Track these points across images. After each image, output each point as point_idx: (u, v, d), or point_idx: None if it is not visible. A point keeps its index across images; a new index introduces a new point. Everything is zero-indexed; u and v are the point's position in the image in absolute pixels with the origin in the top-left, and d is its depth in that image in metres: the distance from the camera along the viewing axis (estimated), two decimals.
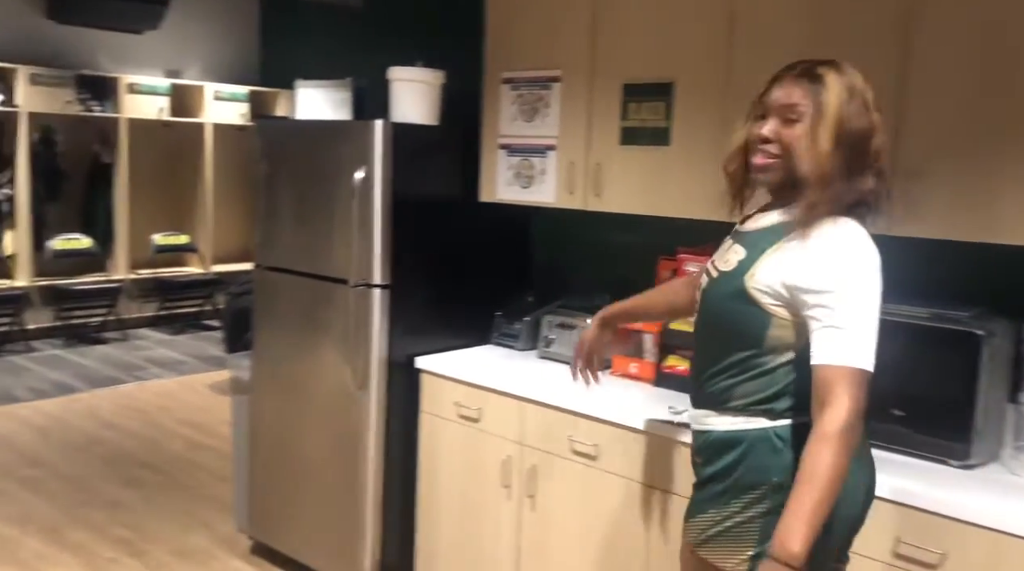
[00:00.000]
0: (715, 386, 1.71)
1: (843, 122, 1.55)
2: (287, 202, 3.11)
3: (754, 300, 1.63)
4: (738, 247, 1.71)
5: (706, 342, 1.76)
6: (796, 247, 1.59)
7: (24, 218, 6.71)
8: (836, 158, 1.55)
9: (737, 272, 1.67)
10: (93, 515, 3.70)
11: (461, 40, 3.20)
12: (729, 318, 1.68)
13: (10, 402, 5.28)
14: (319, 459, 3.06)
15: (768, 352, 1.64)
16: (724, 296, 1.69)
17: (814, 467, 1.49)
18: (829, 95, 1.56)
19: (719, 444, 1.71)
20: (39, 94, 6.66)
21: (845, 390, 1.49)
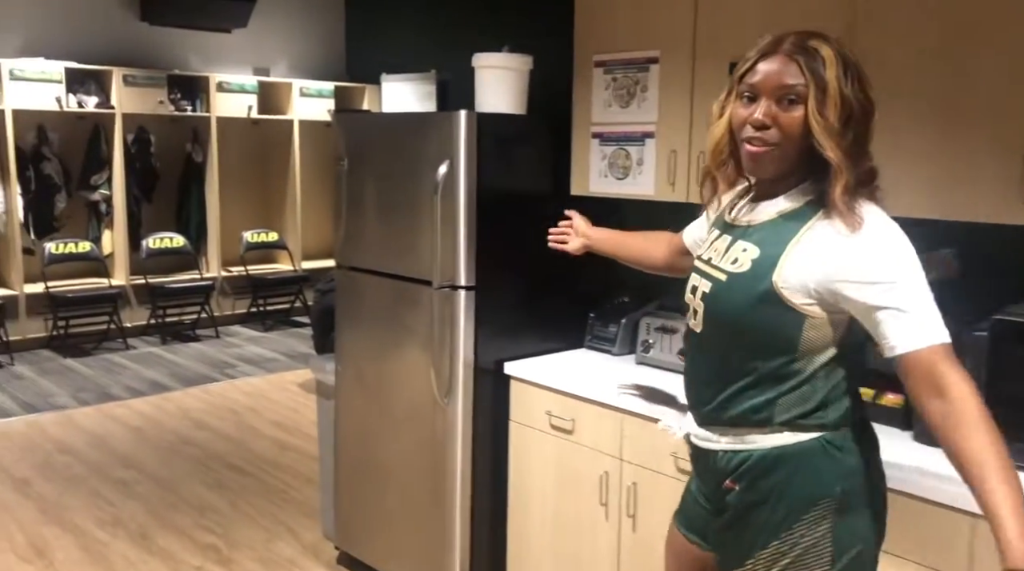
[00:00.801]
0: (748, 403, 1.53)
1: (848, 99, 1.42)
2: (368, 199, 2.97)
3: (786, 302, 1.46)
4: (745, 244, 1.54)
5: (723, 353, 1.56)
6: (828, 238, 1.44)
7: (120, 218, 6.85)
8: (847, 137, 1.42)
9: (757, 273, 1.49)
10: (181, 520, 3.67)
11: (549, 22, 2.99)
12: (755, 325, 1.50)
13: (107, 400, 5.36)
14: (404, 467, 2.92)
15: (803, 356, 1.49)
16: (745, 301, 1.51)
17: (992, 458, 1.28)
18: (829, 71, 1.41)
19: (765, 464, 1.52)
20: (133, 95, 6.78)
21: (951, 367, 1.35)
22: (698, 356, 1.64)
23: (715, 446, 1.59)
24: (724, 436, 1.57)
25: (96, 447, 4.54)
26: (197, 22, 7.15)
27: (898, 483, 1.77)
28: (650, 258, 2.13)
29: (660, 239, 2.12)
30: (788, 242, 1.47)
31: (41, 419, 4.98)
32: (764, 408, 1.51)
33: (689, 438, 1.69)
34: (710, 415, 1.59)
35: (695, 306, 1.62)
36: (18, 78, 6.24)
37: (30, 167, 6.48)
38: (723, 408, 1.56)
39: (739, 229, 1.58)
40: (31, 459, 4.35)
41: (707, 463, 1.63)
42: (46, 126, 6.54)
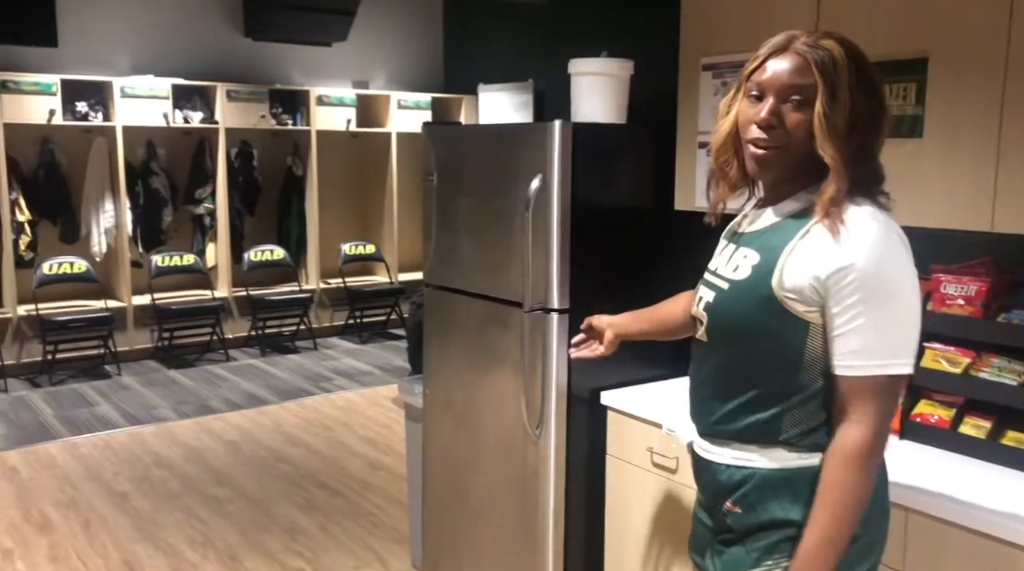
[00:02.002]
0: (752, 417, 1.45)
1: (857, 103, 1.35)
2: (457, 216, 2.82)
3: (787, 308, 1.40)
4: (747, 250, 1.49)
5: (727, 363, 1.50)
6: (817, 239, 1.38)
7: (223, 231, 6.97)
8: (852, 142, 1.35)
9: (757, 279, 1.43)
10: (270, 542, 3.60)
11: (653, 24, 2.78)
12: (757, 334, 1.44)
13: (206, 413, 5.41)
14: (494, 500, 2.75)
15: (809, 368, 1.41)
16: (747, 308, 1.45)
17: (837, 492, 1.34)
18: (840, 72, 1.34)
19: (766, 485, 1.45)
20: (236, 110, 6.89)
21: (871, 402, 1.33)
22: (702, 366, 1.57)
23: (718, 458, 1.53)
24: (727, 449, 1.51)
25: (192, 461, 4.56)
26: (298, 37, 7.22)
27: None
28: (676, 320, 1.89)
29: (682, 297, 1.91)
30: (785, 246, 1.41)
31: (142, 431, 5.06)
32: (769, 423, 1.44)
33: (692, 447, 1.63)
34: (714, 427, 1.53)
35: (699, 316, 1.57)
36: (128, 95, 6.42)
37: (139, 182, 6.66)
38: (727, 421, 1.50)
39: (742, 236, 1.54)
40: (130, 472, 4.39)
41: (709, 475, 1.56)
42: (154, 142, 6.71)
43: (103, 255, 6.53)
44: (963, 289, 2.06)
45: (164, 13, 6.75)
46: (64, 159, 6.43)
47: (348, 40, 7.33)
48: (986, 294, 2.03)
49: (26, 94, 6.05)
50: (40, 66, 6.19)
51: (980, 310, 2.04)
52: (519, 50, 5.46)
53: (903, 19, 2.03)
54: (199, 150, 6.91)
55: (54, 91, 6.11)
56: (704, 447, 1.57)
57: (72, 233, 6.51)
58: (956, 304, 2.07)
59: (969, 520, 1.69)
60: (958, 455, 2.00)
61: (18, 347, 6.21)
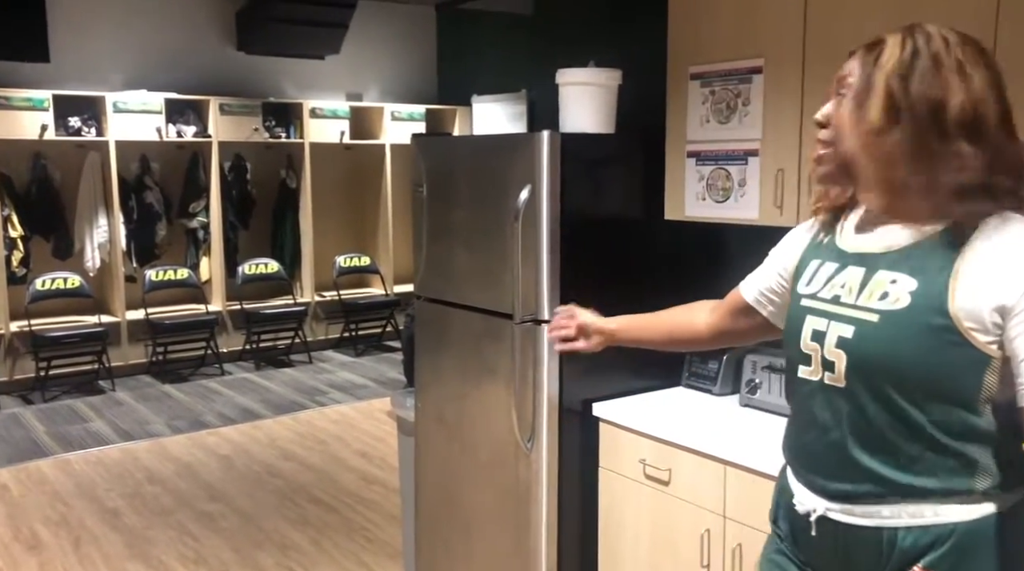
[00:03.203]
0: (937, 467, 1.23)
1: (895, 92, 1.22)
2: (448, 227, 2.80)
3: (967, 339, 1.20)
4: (891, 274, 1.27)
5: (881, 413, 1.26)
6: (981, 260, 1.20)
7: (217, 245, 6.95)
8: (893, 134, 1.22)
9: (925, 307, 1.22)
10: (263, 558, 3.57)
11: (640, 34, 2.78)
12: (928, 370, 1.22)
13: (200, 428, 5.38)
14: (486, 514, 2.73)
15: (983, 405, 1.22)
16: (911, 341, 1.22)
17: None
18: (879, 64, 1.24)
19: (968, 542, 1.23)
20: (229, 123, 6.89)
21: None
22: (847, 416, 1.30)
23: (891, 523, 1.27)
24: (906, 507, 1.26)
25: (185, 477, 4.52)
26: (291, 50, 7.22)
27: None
28: (691, 331, 1.74)
29: (700, 308, 1.75)
30: (949, 269, 1.22)
31: (136, 447, 5.02)
32: (960, 471, 1.23)
33: (828, 517, 1.33)
34: (878, 485, 1.27)
35: (828, 356, 1.31)
36: (121, 110, 6.41)
37: (132, 197, 6.64)
38: (900, 473, 1.25)
39: (871, 257, 1.31)
40: (122, 488, 4.35)
41: (870, 546, 1.29)
42: (148, 156, 6.70)
43: (96, 270, 6.50)
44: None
45: (156, 28, 6.75)
46: (57, 174, 6.41)
47: (341, 53, 7.33)
48: None
49: (18, 110, 6.04)
50: (32, 81, 6.19)
51: None
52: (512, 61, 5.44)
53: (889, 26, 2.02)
54: (192, 164, 6.90)
55: (46, 106, 6.11)
56: (863, 513, 1.30)
57: (65, 249, 6.49)
58: None
59: None
60: None
61: (11, 364, 6.18)
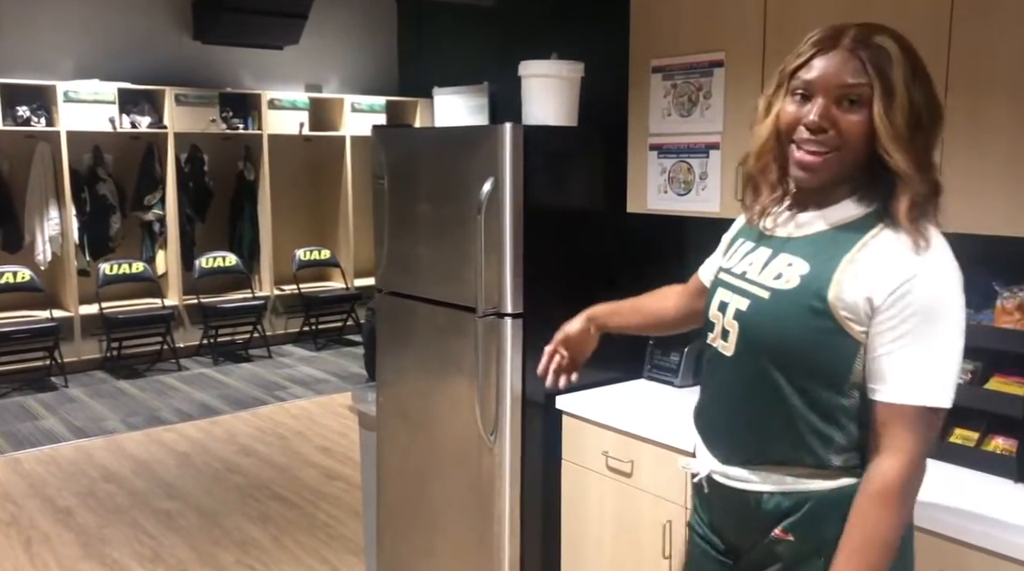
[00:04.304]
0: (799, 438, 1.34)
1: (916, 102, 1.25)
2: (409, 220, 2.78)
3: (839, 324, 1.29)
4: (790, 257, 1.36)
5: (764, 380, 1.36)
6: (877, 253, 1.28)
7: (174, 238, 6.82)
8: (916, 145, 1.26)
9: (808, 289, 1.31)
10: (223, 556, 3.52)
11: (602, 27, 2.77)
12: (803, 349, 1.32)
13: (156, 425, 5.28)
14: (449, 508, 2.71)
15: (851, 388, 1.31)
16: (792, 320, 1.32)
17: (871, 531, 1.24)
18: (896, 69, 1.25)
19: (821, 510, 1.34)
20: (185, 114, 6.76)
21: (910, 433, 1.24)
22: (728, 384, 1.43)
23: (758, 487, 1.39)
24: (771, 475, 1.38)
25: (141, 475, 4.44)
26: (249, 40, 7.10)
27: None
28: (662, 315, 1.81)
29: (666, 294, 1.82)
30: (843, 258, 1.30)
31: (89, 444, 4.92)
32: (820, 446, 1.33)
33: (712, 478, 1.47)
34: (748, 452, 1.40)
35: (725, 325, 1.42)
36: (72, 100, 6.26)
37: (85, 189, 6.49)
38: (767, 443, 1.37)
39: (779, 241, 1.40)
40: (75, 487, 4.26)
41: (743, 506, 1.42)
42: (101, 147, 6.55)
43: (48, 264, 6.35)
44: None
45: (109, 15, 6.59)
46: (5, 165, 6.24)
47: (300, 43, 7.23)
48: None
49: None
50: None
51: None
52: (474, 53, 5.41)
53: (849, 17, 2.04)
54: (147, 155, 6.76)
55: None
56: (736, 476, 1.42)
57: (15, 241, 6.32)
58: None
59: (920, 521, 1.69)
60: None
61: None
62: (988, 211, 1.82)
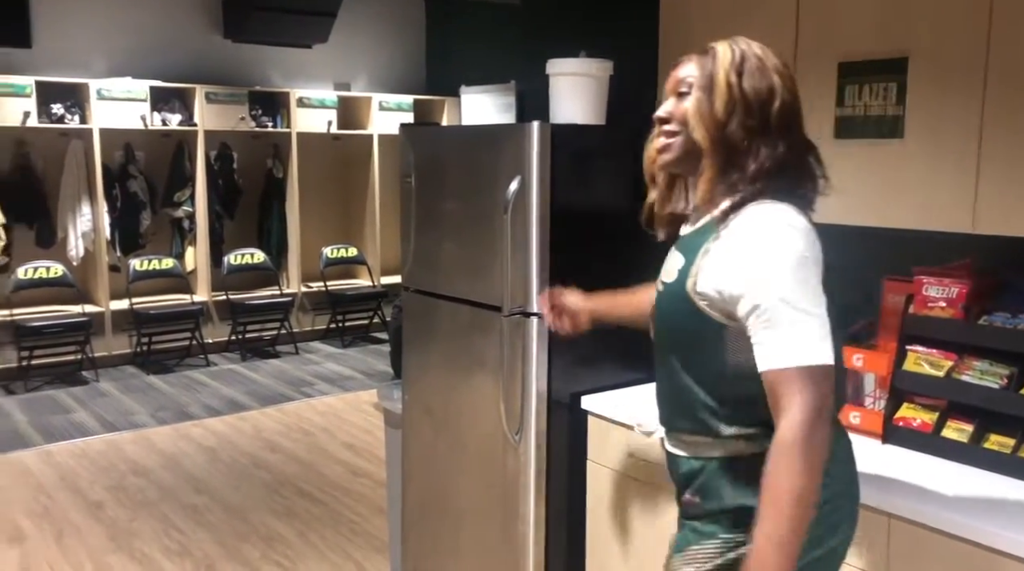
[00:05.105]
0: (695, 412, 1.52)
1: (732, 86, 1.43)
2: (436, 218, 2.78)
3: (702, 310, 1.47)
4: (677, 254, 1.57)
5: (669, 363, 1.57)
6: (722, 245, 1.45)
7: (203, 234, 6.89)
8: (731, 125, 1.43)
9: (679, 281, 1.51)
10: (249, 551, 3.55)
11: (633, 25, 2.75)
12: (683, 335, 1.52)
13: (185, 420, 5.34)
14: (473, 506, 2.71)
15: (739, 364, 1.44)
16: (673, 310, 1.53)
17: (777, 486, 1.33)
18: (717, 62, 1.46)
19: (725, 474, 1.51)
20: (215, 112, 6.82)
21: (797, 392, 1.33)
22: (657, 367, 1.65)
23: (676, 451, 1.60)
24: (681, 443, 1.58)
25: (170, 469, 4.49)
26: (278, 38, 7.15)
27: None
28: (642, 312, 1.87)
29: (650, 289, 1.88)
30: (700, 249, 1.48)
31: (120, 438, 4.98)
32: (710, 419, 1.50)
33: (662, 442, 1.70)
34: (668, 423, 1.62)
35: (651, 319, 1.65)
36: (105, 98, 6.34)
37: (116, 185, 6.57)
38: (677, 416, 1.58)
39: (679, 240, 1.61)
40: (106, 480, 4.32)
41: (674, 468, 1.63)
42: (132, 145, 6.63)
43: (80, 259, 6.43)
44: (944, 291, 2.04)
45: (142, 14, 6.67)
46: (40, 162, 6.33)
47: (329, 42, 7.27)
48: (967, 296, 2.02)
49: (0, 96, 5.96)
50: (14, 67, 6.10)
51: (962, 312, 2.02)
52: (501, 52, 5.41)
53: (883, 19, 2.01)
54: (178, 153, 6.83)
55: (28, 93, 6.02)
56: (668, 441, 1.64)
57: (48, 237, 6.41)
58: (938, 306, 2.05)
59: (951, 526, 1.66)
60: (941, 459, 1.98)
61: None
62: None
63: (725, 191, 1.46)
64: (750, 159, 1.42)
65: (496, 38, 4.99)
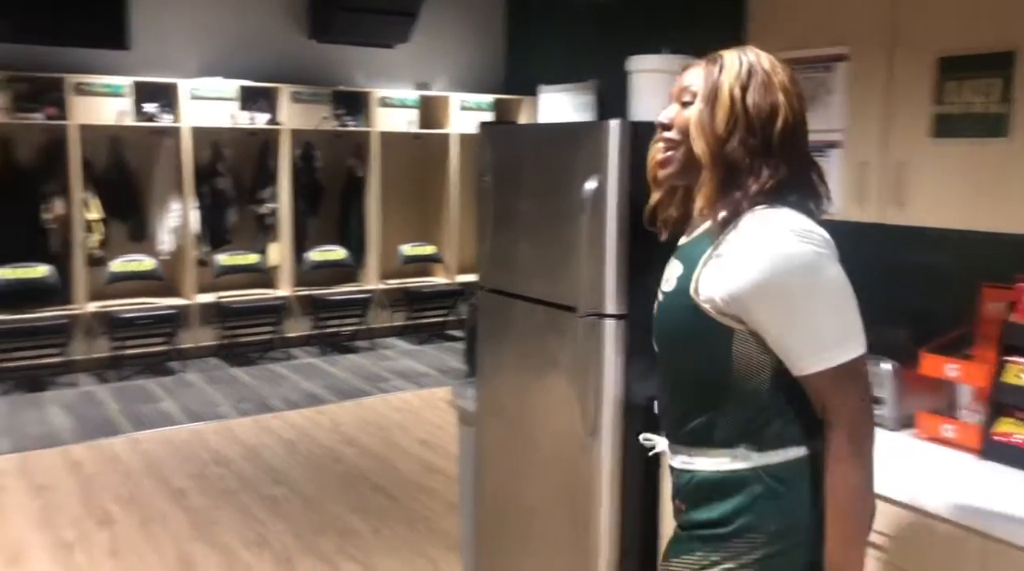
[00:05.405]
0: (692, 422, 1.51)
1: (736, 101, 1.40)
2: (513, 217, 2.76)
3: (707, 314, 1.43)
4: (676, 263, 1.54)
5: (671, 372, 1.57)
6: (722, 252, 1.42)
7: (286, 231, 7.05)
8: (732, 142, 1.40)
9: (680, 289, 1.49)
10: (325, 544, 3.60)
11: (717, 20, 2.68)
12: (686, 342, 1.50)
13: (265, 412, 5.46)
14: (548, 509, 2.68)
15: (739, 374, 1.43)
16: (675, 317, 1.51)
17: (841, 496, 1.36)
18: (723, 74, 1.43)
19: (706, 487, 1.49)
20: (299, 111, 6.97)
21: (837, 394, 1.34)
22: (659, 375, 1.64)
23: (674, 464, 1.59)
24: (678, 453, 1.57)
25: (250, 459, 4.60)
26: (361, 38, 7.26)
27: None
28: None
29: None
30: (701, 257, 1.46)
31: (203, 428, 5.13)
32: (705, 429, 1.49)
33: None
34: (671, 433, 1.60)
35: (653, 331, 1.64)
36: (197, 97, 6.54)
37: (204, 182, 6.77)
38: (678, 426, 1.56)
39: (677, 250, 1.59)
40: (189, 469, 4.45)
41: (672, 477, 1.62)
42: (220, 143, 6.82)
43: (169, 253, 6.66)
44: None
45: (232, 15, 6.86)
46: (133, 160, 6.58)
47: (410, 41, 7.35)
48: None
49: (98, 96, 6.21)
50: (112, 68, 6.34)
51: None
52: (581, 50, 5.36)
53: (988, 10, 1.90)
54: (263, 151, 7.00)
55: (124, 93, 6.26)
56: (669, 451, 1.63)
57: (140, 232, 6.66)
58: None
59: None
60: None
61: (88, 342, 6.38)
62: None
63: (725, 206, 1.44)
64: (751, 179, 1.40)
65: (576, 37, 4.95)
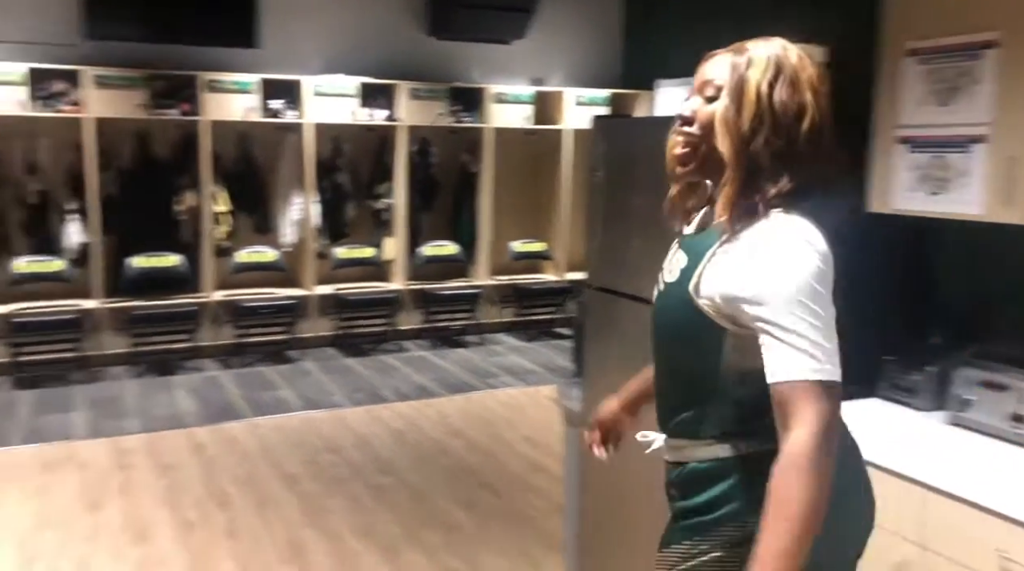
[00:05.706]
0: (683, 414, 1.52)
1: (763, 98, 1.36)
2: (624, 215, 2.69)
3: (703, 313, 1.42)
4: (681, 254, 1.52)
5: (666, 363, 1.57)
6: (729, 250, 1.40)
7: (401, 226, 7.17)
8: (756, 142, 1.36)
9: (681, 282, 1.47)
10: (430, 537, 3.62)
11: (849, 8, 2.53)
12: (681, 335, 1.49)
13: (376, 402, 5.57)
14: (651, 513, 2.59)
15: (730, 371, 1.42)
16: (673, 310, 1.49)
17: (784, 498, 1.28)
18: (751, 70, 1.38)
19: (695, 476, 1.50)
20: (416, 108, 7.06)
21: (808, 406, 1.29)
22: (654, 366, 1.63)
23: (667, 456, 1.59)
24: (671, 445, 1.57)
25: (360, 448, 4.69)
26: (478, 34, 7.30)
27: None
28: None
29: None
30: (707, 252, 1.43)
31: (316, 416, 5.27)
32: (696, 421, 1.49)
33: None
34: (662, 424, 1.59)
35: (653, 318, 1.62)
36: (320, 94, 6.73)
37: (325, 177, 6.96)
38: (669, 417, 1.56)
39: (683, 239, 1.57)
40: (301, 455, 4.57)
41: (665, 470, 1.62)
42: (340, 138, 6.99)
43: (291, 246, 6.87)
44: None
45: (355, 13, 7.01)
46: (259, 154, 6.82)
47: (526, 37, 7.33)
48: None
49: (228, 93, 6.47)
50: (241, 66, 6.59)
51: None
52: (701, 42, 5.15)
53: None
54: (380, 147, 7.14)
55: (252, 90, 6.50)
56: (664, 445, 1.62)
57: (264, 224, 6.91)
58: None
59: None
60: None
61: (214, 329, 6.66)
62: None
63: (743, 209, 1.40)
64: (770, 184, 1.37)
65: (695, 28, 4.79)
